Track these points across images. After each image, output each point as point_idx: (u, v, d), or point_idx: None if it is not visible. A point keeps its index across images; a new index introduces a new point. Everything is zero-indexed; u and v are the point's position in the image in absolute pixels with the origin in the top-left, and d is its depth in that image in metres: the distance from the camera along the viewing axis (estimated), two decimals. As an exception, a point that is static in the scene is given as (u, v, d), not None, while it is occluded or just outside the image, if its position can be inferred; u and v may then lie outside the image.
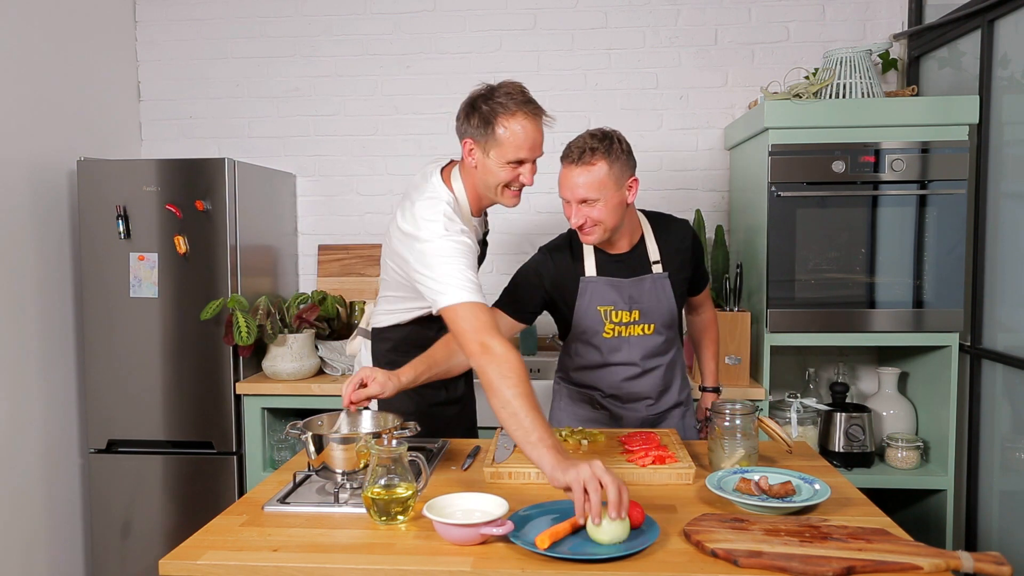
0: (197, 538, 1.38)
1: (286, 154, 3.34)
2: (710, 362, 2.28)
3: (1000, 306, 2.50)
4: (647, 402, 2.07)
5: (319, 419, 1.72)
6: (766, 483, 1.50)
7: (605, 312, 1.98)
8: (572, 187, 1.84)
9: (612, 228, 1.89)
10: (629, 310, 1.98)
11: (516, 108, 1.76)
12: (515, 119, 1.77)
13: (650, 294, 1.98)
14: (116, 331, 2.76)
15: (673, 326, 2.05)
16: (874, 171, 2.57)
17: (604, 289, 1.98)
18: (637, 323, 1.99)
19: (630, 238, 1.99)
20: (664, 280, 1.99)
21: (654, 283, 1.99)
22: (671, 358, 2.07)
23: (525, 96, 1.79)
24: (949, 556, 1.22)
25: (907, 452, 2.68)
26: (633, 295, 1.98)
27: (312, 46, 3.31)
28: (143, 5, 3.35)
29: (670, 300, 2.00)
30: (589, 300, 1.98)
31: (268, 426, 2.82)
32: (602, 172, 1.82)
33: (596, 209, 1.84)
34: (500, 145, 1.78)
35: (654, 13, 3.17)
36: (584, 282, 1.98)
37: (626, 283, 1.98)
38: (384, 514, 1.42)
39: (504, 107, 1.76)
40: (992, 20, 2.47)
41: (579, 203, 1.84)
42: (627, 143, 1.90)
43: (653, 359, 2.03)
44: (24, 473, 2.68)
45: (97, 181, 2.75)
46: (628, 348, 2.00)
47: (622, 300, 1.97)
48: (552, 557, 1.25)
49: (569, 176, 1.85)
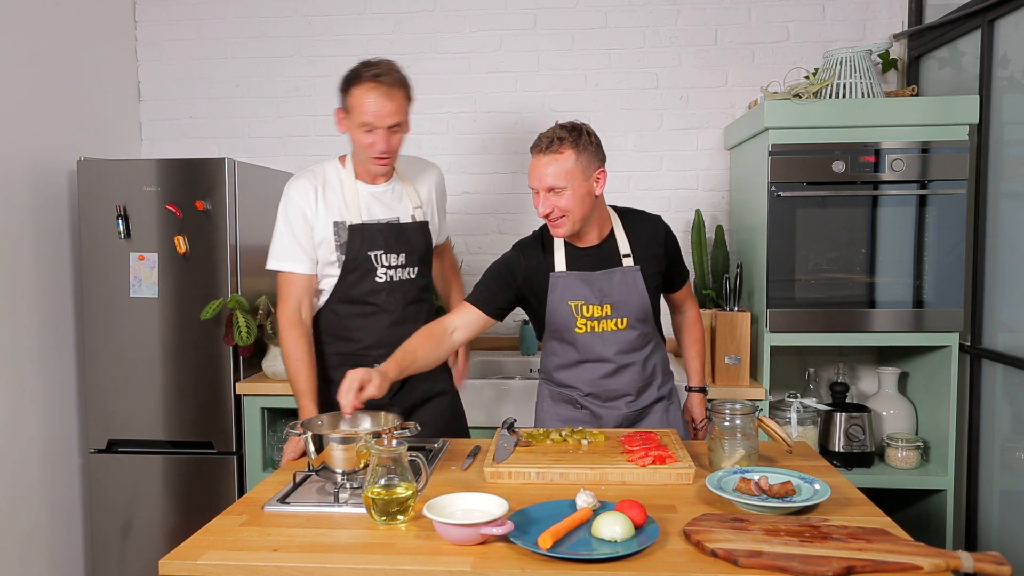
0: (197, 538, 1.38)
1: (286, 154, 3.34)
2: (694, 361, 2.22)
3: (1000, 306, 2.50)
4: (627, 399, 2.04)
5: (319, 419, 1.72)
6: (766, 483, 1.50)
7: (576, 307, 1.97)
8: (540, 176, 1.87)
9: (580, 219, 1.90)
10: (600, 304, 1.96)
11: (367, 79, 1.89)
12: (361, 87, 1.90)
13: (621, 287, 1.96)
14: (116, 331, 2.76)
15: (648, 320, 2.02)
16: (874, 171, 2.57)
17: (574, 283, 1.97)
18: (609, 317, 1.97)
19: (599, 231, 1.99)
20: (635, 273, 1.97)
21: (624, 276, 1.97)
22: (648, 353, 2.04)
23: (380, 69, 1.91)
24: (949, 556, 1.22)
25: (907, 452, 2.68)
26: (603, 288, 1.96)
27: (312, 46, 3.31)
28: (143, 5, 3.35)
29: (642, 293, 1.97)
30: (560, 295, 1.98)
31: (268, 426, 2.82)
32: (569, 161, 1.85)
33: (563, 198, 1.86)
34: (351, 109, 1.93)
35: (654, 13, 3.18)
36: (554, 277, 1.98)
37: (595, 276, 1.97)
38: (384, 514, 1.42)
39: (358, 77, 1.91)
40: (992, 20, 2.47)
41: (547, 191, 1.87)
42: (596, 136, 1.93)
43: (629, 355, 2.01)
44: (24, 473, 2.68)
45: (97, 181, 2.75)
46: (602, 344, 1.99)
47: (592, 294, 1.96)
48: (552, 557, 1.25)
49: (537, 165, 1.88)
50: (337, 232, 2.03)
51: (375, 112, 1.90)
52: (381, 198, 2.08)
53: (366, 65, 1.93)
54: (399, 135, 1.98)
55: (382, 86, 1.90)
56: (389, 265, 2.06)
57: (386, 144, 1.94)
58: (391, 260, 2.06)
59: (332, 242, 2.03)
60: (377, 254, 2.04)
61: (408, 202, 2.12)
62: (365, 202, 2.06)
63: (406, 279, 2.10)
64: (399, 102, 1.94)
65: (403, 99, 1.96)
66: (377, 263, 2.05)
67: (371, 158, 1.97)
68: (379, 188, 2.09)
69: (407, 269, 2.09)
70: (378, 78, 1.90)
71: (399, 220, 2.09)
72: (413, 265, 2.10)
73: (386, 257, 2.05)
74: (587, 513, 1.37)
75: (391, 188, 2.10)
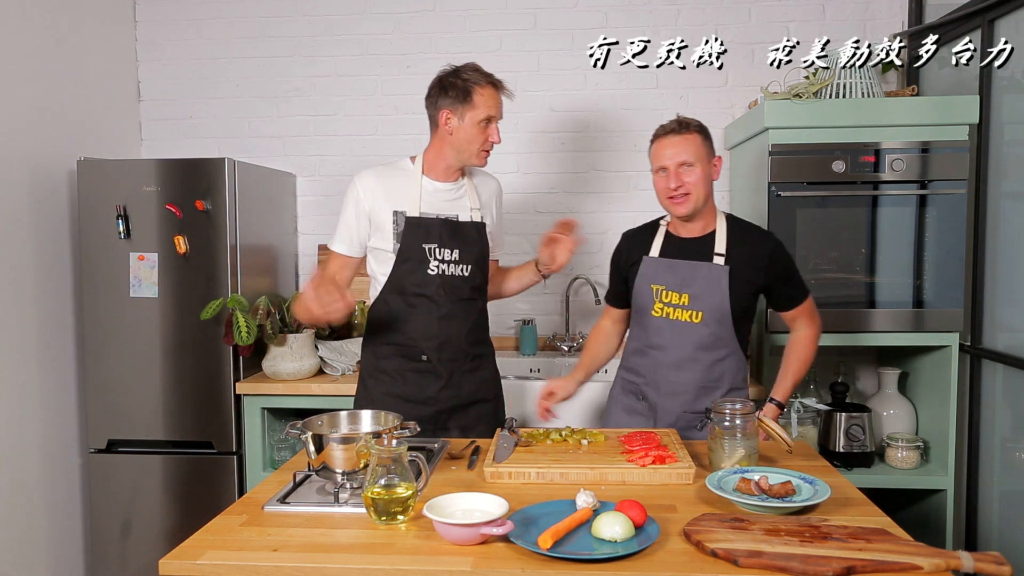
0: (197, 538, 1.38)
1: (286, 154, 3.34)
2: (785, 374, 2.11)
3: (1000, 306, 2.50)
4: (684, 398, 2.04)
5: (319, 419, 1.72)
6: (766, 483, 1.50)
7: (656, 291, 2.07)
8: (674, 152, 2.00)
9: (704, 198, 2.02)
10: (679, 292, 2.03)
11: (487, 81, 2.09)
12: (485, 86, 2.08)
13: (703, 281, 2.02)
14: (116, 331, 2.76)
15: (726, 323, 2.02)
16: (874, 171, 2.57)
17: (660, 268, 2.08)
18: (686, 308, 2.03)
19: (704, 225, 2.08)
20: (723, 272, 2.01)
21: (710, 272, 2.02)
22: (718, 357, 2.03)
23: (484, 71, 2.11)
24: (949, 556, 1.22)
25: (907, 452, 2.68)
26: (686, 278, 2.03)
27: (312, 46, 3.31)
28: (143, 5, 3.35)
29: (724, 294, 2.00)
30: (645, 277, 2.09)
31: (268, 426, 2.82)
32: (698, 141, 2.02)
33: (693, 175, 1.99)
34: (475, 108, 2.05)
35: (654, 13, 3.18)
36: (646, 260, 2.11)
37: (682, 265, 2.05)
38: (384, 514, 1.42)
39: (476, 79, 2.08)
40: (992, 20, 2.47)
41: (678, 167, 1.99)
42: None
43: (696, 351, 2.03)
44: (24, 473, 2.68)
45: (97, 181, 2.75)
46: (671, 332, 2.04)
47: (674, 281, 2.04)
48: (552, 557, 1.25)
49: (668, 144, 2.02)
50: (396, 221, 2.10)
51: (496, 105, 2.08)
52: (444, 195, 2.13)
53: (476, 68, 2.10)
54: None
55: (499, 87, 2.11)
56: (442, 259, 2.09)
57: (497, 136, 2.11)
58: (444, 255, 2.09)
59: (391, 230, 2.09)
60: (432, 247, 2.08)
61: (468, 202, 2.16)
62: (428, 196, 2.12)
63: (458, 275, 2.12)
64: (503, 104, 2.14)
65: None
66: (431, 256, 2.08)
67: (483, 151, 2.11)
68: (443, 185, 2.14)
69: (460, 266, 2.12)
70: (499, 83, 2.10)
71: (458, 218, 2.13)
72: (467, 263, 2.12)
73: (440, 251, 2.09)
74: (587, 513, 1.37)
75: (455, 187, 2.15)
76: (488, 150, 2.13)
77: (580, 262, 3.20)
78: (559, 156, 3.27)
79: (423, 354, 2.10)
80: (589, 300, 3.23)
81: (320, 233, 3.35)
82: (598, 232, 3.24)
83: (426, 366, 2.11)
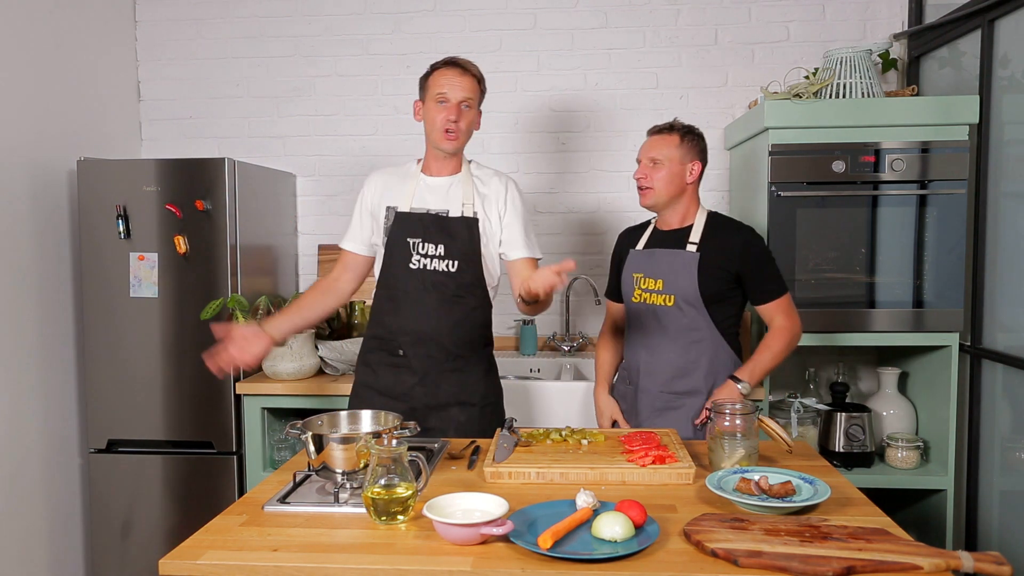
0: (197, 538, 1.38)
1: (286, 154, 3.35)
2: (755, 355, 2.14)
3: (1000, 306, 2.50)
4: (661, 378, 2.18)
5: (319, 419, 1.72)
6: (766, 483, 1.50)
7: (636, 279, 2.24)
8: (647, 148, 2.20)
9: (666, 195, 2.17)
10: (655, 279, 2.19)
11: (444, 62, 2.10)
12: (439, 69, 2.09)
13: (675, 266, 2.16)
14: (116, 331, 2.76)
15: (698, 307, 2.13)
16: (874, 171, 2.57)
17: (641, 258, 2.25)
18: (660, 292, 2.17)
19: (682, 219, 2.22)
20: (693, 258, 2.14)
21: (682, 258, 2.16)
22: (693, 340, 2.15)
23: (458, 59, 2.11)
24: (949, 556, 1.22)
25: (907, 452, 2.68)
26: (661, 265, 2.19)
27: (312, 46, 3.31)
28: (143, 5, 3.35)
29: (693, 278, 2.12)
30: (628, 268, 2.28)
31: (268, 426, 2.82)
32: (672, 143, 2.17)
33: (659, 171, 2.15)
34: (430, 88, 2.08)
35: (654, 13, 3.18)
36: (632, 253, 2.29)
37: (659, 253, 2.21)
38: (384, 514, 1.41)
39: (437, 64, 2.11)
40: (992, 20, 2.47)
41: (648, 162, 2.17)
42: (704, 140, 2.24)
43: (671, 332, 2.16)
44: (24, 473, 2.68)
45: (97, 181, 2.75)
46: (648, 316, 2.20)
47: (650, 268, 2.20)
48: (552, 557, 1.25)
49: (648, 141, 2.23)
50: (387, 216, 2.12)
51: (448, 83, 2.05)
52: (436, 190, 2.12)
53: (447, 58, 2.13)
54: (468, 117, 2.08)
55: (457, 67, 2.07)
56: (425, 253, 2.07)
57: (456, 114, 2.04)
58: (428, 249, 2.07)
59: (383, 226, 2.12)
60: (415, 241, 2.07)
61: (461, 197, 2.11)
62: (421, 192, 2.12)
63: (441, 271, 2.07)
64: (471, 82, 2.07)
65: (475, 82, 2.08)
66: (413, 250, 2.07)
67: (442, 131, 2.05)
68: (437, 180, 2.13)
69: (445, 261, 2.07)
70: (455, 62, 2.08)
71: (448, 213, 2.10)
72: (453, 258, 2.07)
73: (423, 245, 2.07)
74: (587, 513, 1.37)
75: (449, 182, 2.13)
76: (449, 129, 2.05)
77: (580, 262, 3.20)
78: (559, 156, 3.27)
79: (400, 348, 2.09)
80: (589, 300, 3.23)
81: (320, 233, 3.35)
82: (598, 232, 3.24)
83: (401, 361, 2.09)
